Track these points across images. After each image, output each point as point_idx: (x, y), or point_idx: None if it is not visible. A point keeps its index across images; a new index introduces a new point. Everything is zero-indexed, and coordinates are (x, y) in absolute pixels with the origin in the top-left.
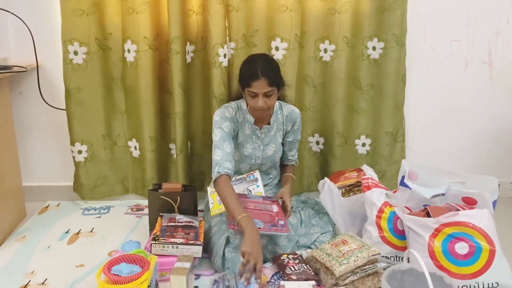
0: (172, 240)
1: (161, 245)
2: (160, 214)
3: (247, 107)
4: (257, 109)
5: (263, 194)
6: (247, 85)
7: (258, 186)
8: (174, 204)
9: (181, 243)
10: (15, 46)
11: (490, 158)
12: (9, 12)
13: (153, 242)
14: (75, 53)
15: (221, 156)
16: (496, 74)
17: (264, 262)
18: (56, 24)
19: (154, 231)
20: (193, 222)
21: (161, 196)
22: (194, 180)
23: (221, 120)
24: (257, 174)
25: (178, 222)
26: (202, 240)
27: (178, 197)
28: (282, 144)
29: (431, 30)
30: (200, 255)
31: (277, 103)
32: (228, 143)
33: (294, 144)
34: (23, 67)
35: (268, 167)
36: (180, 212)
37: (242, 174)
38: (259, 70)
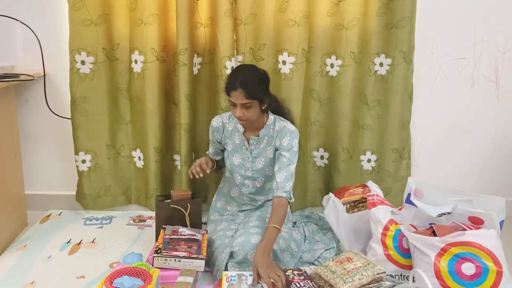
0: (175, 253)
1: (164, 258)
2: (163, 226)
3: None
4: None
5: None
6: (227, 94)
7: None
8: (185, 212)
9: (184, 257)
10: (23, 54)
11: (495, 177)
12: (17, 20)
13: (156, 255)
14: (82, 62)
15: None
16: (503, 92)
17: None
18: (64, 33)
19: (157, 244)
20: (196, 235)
21: (171, 206)
22: (198, 192)
23: (210, 130)
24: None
25: (181, 235)
26: (205, 254)
27: (188, 205)
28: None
29: (438, 47)
30: (202, 269)
31: (272, 117)
32: (212, 146)
33: (282, 162)
34: (30, 76)
35: (262, 182)
36: (190, 220)
37: (238, 186)
38: (238, 81)
